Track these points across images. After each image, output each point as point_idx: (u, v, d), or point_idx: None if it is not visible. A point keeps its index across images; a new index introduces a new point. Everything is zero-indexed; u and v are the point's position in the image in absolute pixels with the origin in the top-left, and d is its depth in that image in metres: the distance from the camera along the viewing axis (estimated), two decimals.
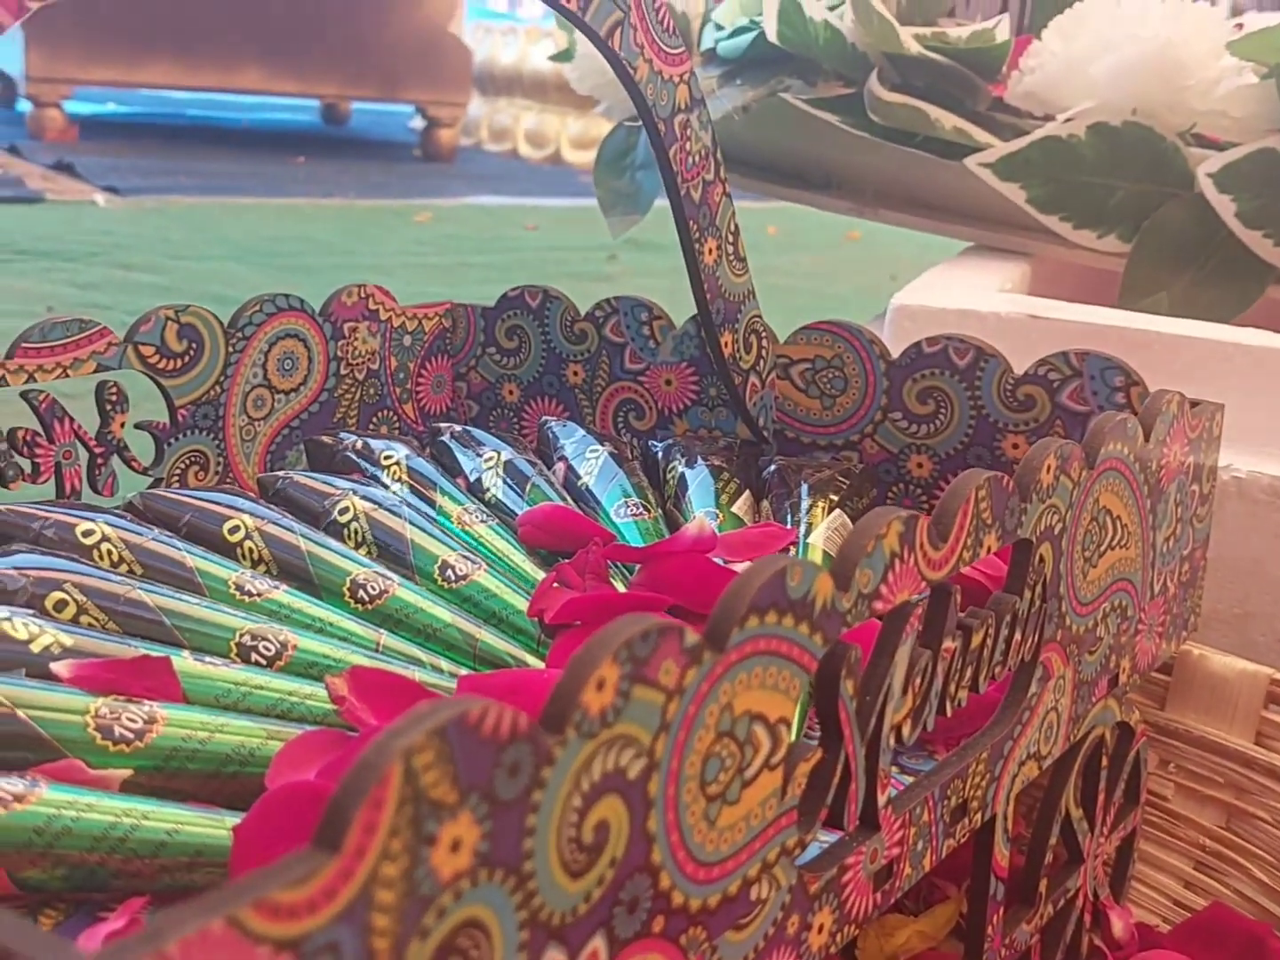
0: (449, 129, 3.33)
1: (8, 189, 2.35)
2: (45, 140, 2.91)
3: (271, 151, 3.20)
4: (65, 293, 1.68)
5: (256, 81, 3.06)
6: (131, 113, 3.70)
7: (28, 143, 2.88)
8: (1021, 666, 0.37)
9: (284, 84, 3.10)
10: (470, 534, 0.47)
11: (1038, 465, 0.36)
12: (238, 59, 3.02)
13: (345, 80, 3.17)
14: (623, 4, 0.45)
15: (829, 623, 0.28)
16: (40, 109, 2.93)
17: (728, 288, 0.52)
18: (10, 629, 0.34)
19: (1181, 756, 0.49)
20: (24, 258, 1.90)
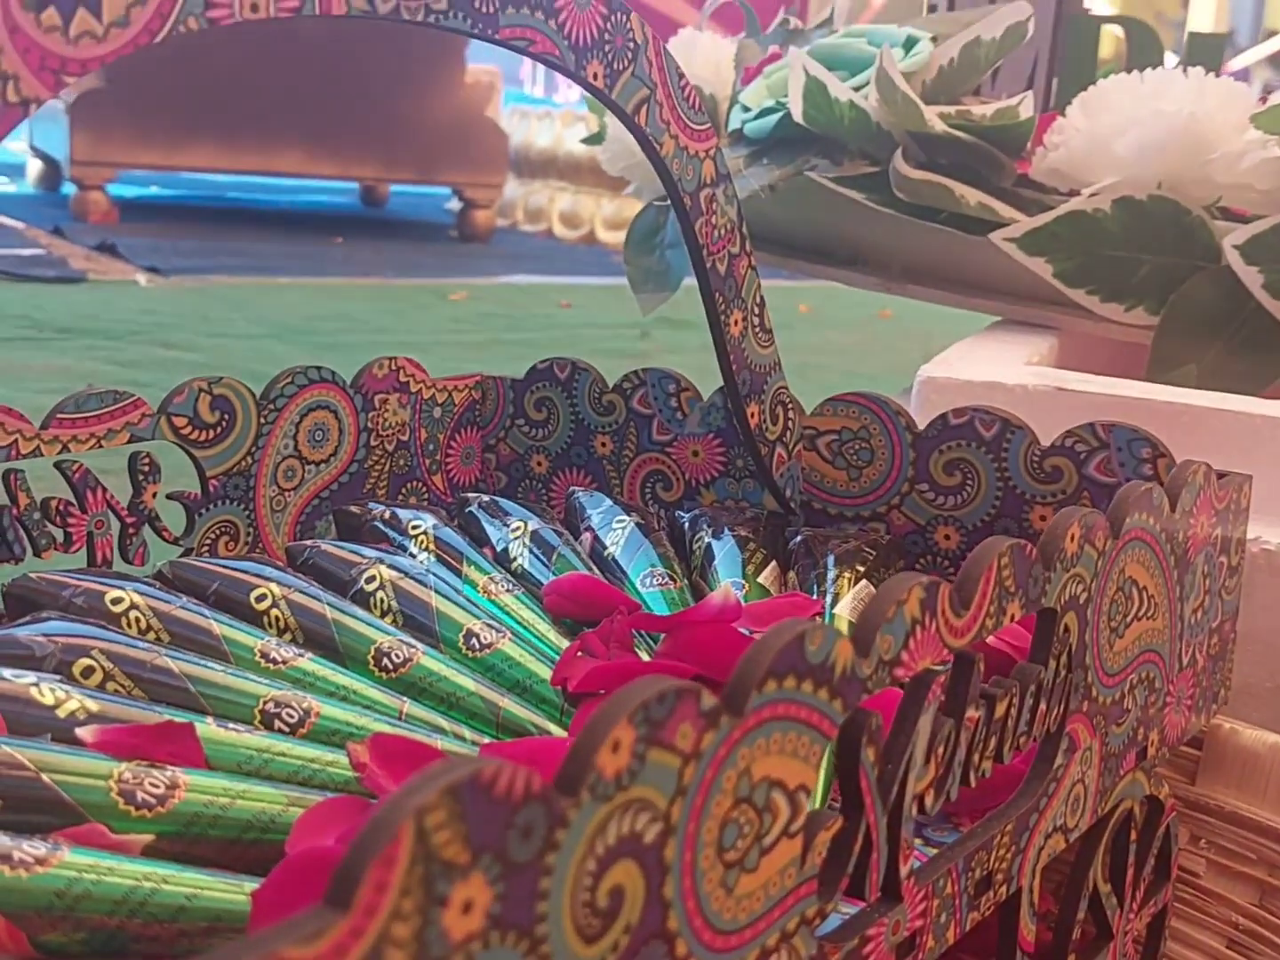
0: (485, 210, 3.37)
1: (52, 269, 2.39)
2: (89, 222, 2.97)
3: (311, 233, 3.24)
4: (106, 370, 1.71)
5: (297, 165, 3.11)
6: (174, 195, 3.77)
7: (71, 224, 2.93)
8: (1047, 738, 0.37)
9: (324, 167, 3.15)
10: (496, 603, 0.47)
11: (1061, 534, 0.36)
12: (279, 142, 3.07)
13: (384, 163, 3.22)
14: (649, 81, 0.45)
15: (849, 689, 0.28)
16: (84, 192, 2.99)
17: (754, 359, 0.52)
18: (37, 694, 0.35)
19: (1213, 832, 0.48)
20: (66, 336, 1.92)
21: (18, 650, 0.38)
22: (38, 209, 3.27)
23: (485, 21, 0.40)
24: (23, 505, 0.48)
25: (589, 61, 0.43)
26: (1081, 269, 0.65)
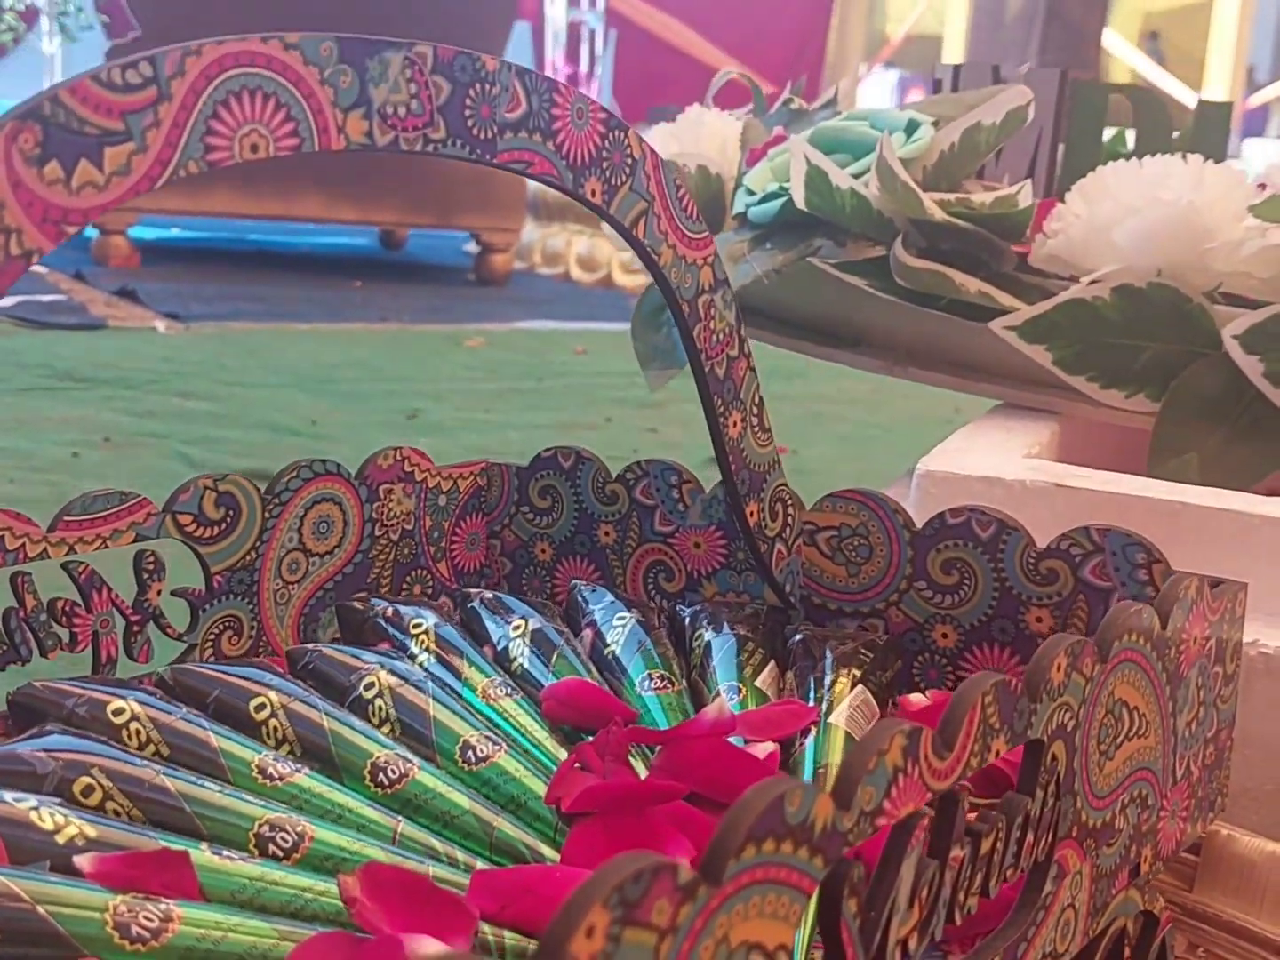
0: (503, 254, 3.39)
1: (72, 316, 2.41)
2: (109, 266, 2.99)
3: (330, 276, 3.26)
4: (123, 421, 1.72)
5: (316, 210, 3.13)
6: (194, 238, 3.80)
7: (92, 269, 2.95)
8: (1035, 867, 0.37)
9: (343, 212, 3.18)
10: (495, 708, 0.47)
11: (1047, 664, 0.36)
12: (298, 187, 3.09)
13: (402, 208, 3.25)
14: (647, 194, 0.46)
15: (830, 844, 0.28)
16: (105, 236, 3.01)
17: (752, 459, 0.52)
18: (37, 819, 0.35)
19: (1210, 940, 0.48)
20: (84, 386, 1.94)
21: (20, 767, 0.38)
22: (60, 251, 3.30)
23: (483, 147, 0.40)
24: (30, 607, 0.48)
25: (587, 179, 0.44)
26: (1081, 356, 0.66)
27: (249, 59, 0.34)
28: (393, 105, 0.37)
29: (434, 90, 0.38)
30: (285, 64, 0.35)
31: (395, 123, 0.38)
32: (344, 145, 0.36)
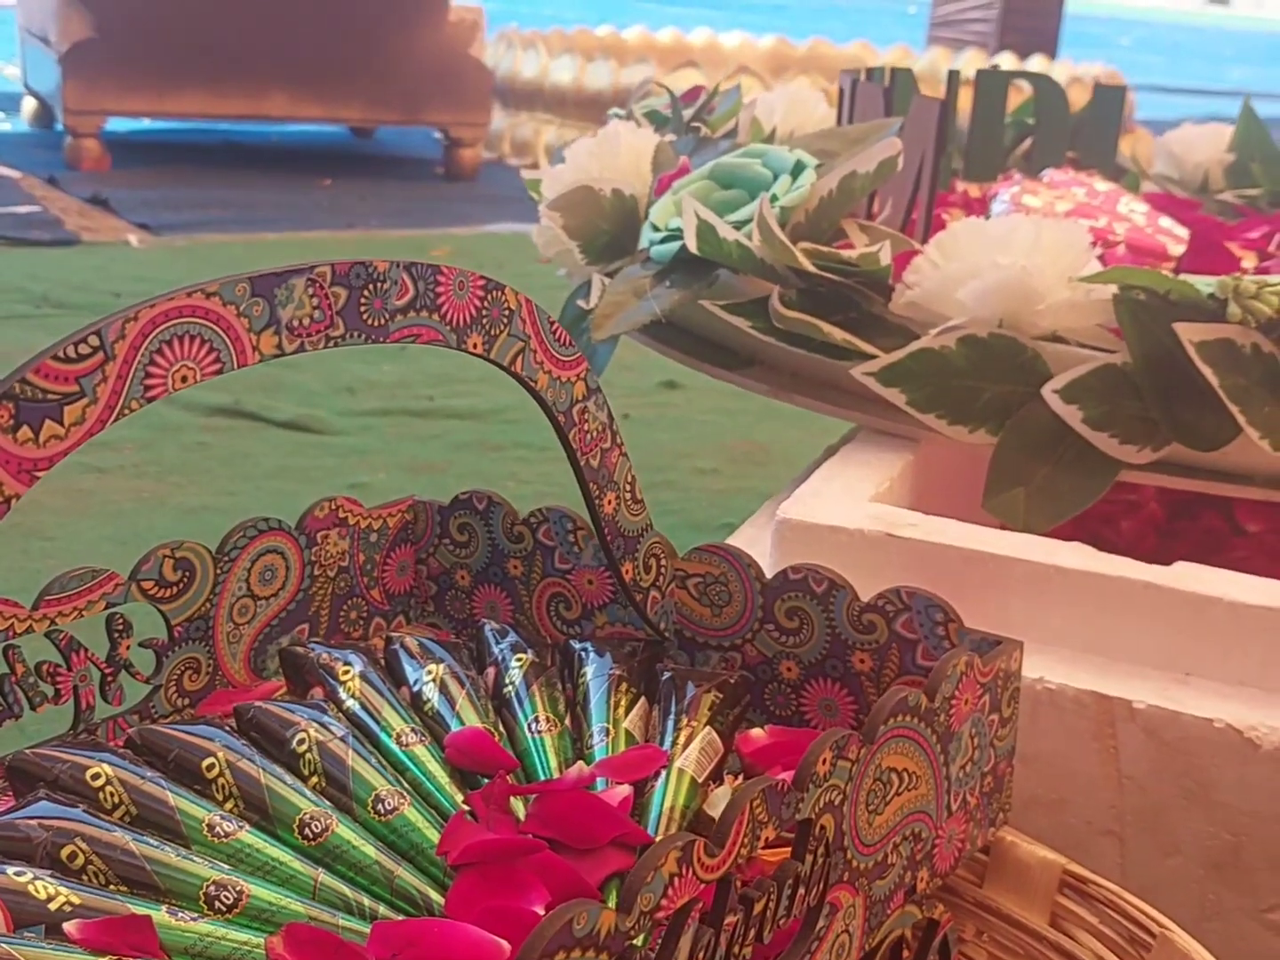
0: (471, 149, 3.43)
1: (46, 231, 2.47)
2: (81, 170, 3.04)
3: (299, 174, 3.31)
4: None
5: (283, 108, 3.17)
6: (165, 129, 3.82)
7: (65, 173, 3.00)
8: (809, 910, 0.48)
9: (310, 110, 3.21)
10: (408, 754, 0.58)
11: (812, 760, 0.46)
12: (266, 86, 3.13)
13: (369, 105, 3.28)
14: (523, 335, 0.55)
15: (615, 942, 0.39)
16: (77, 140, 3.05)
17: (626, 527, 0.62)
18: (33, 890, 0.46)
19: (993, 929, 0.60)
20: (62, 311, 2.02)
21: (16, 835, 0.49)
22: (33, 151, 3.34)
23: (377, 332, 0.50)
24: (19, 673, 0.58)
25: (469, 335, 0.53)
26: (931, 397, 0.75)
27: (177, 313, 0.43)
28: (298, 319, 0.46)
29: (333, 299, 0.48)
30: (207, 309, 0.44)
31: (300, 331, 0.47)
32: (259, 359, 0.46)
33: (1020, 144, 1.17)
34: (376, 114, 3.35)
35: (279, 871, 0.50)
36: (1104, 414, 0.73)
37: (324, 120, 3.38)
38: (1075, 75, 3.80)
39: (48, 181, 2.92)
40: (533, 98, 3.81)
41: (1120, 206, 1.01)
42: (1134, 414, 0.73)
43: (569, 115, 3.71)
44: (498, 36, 4.07)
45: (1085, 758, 0.62)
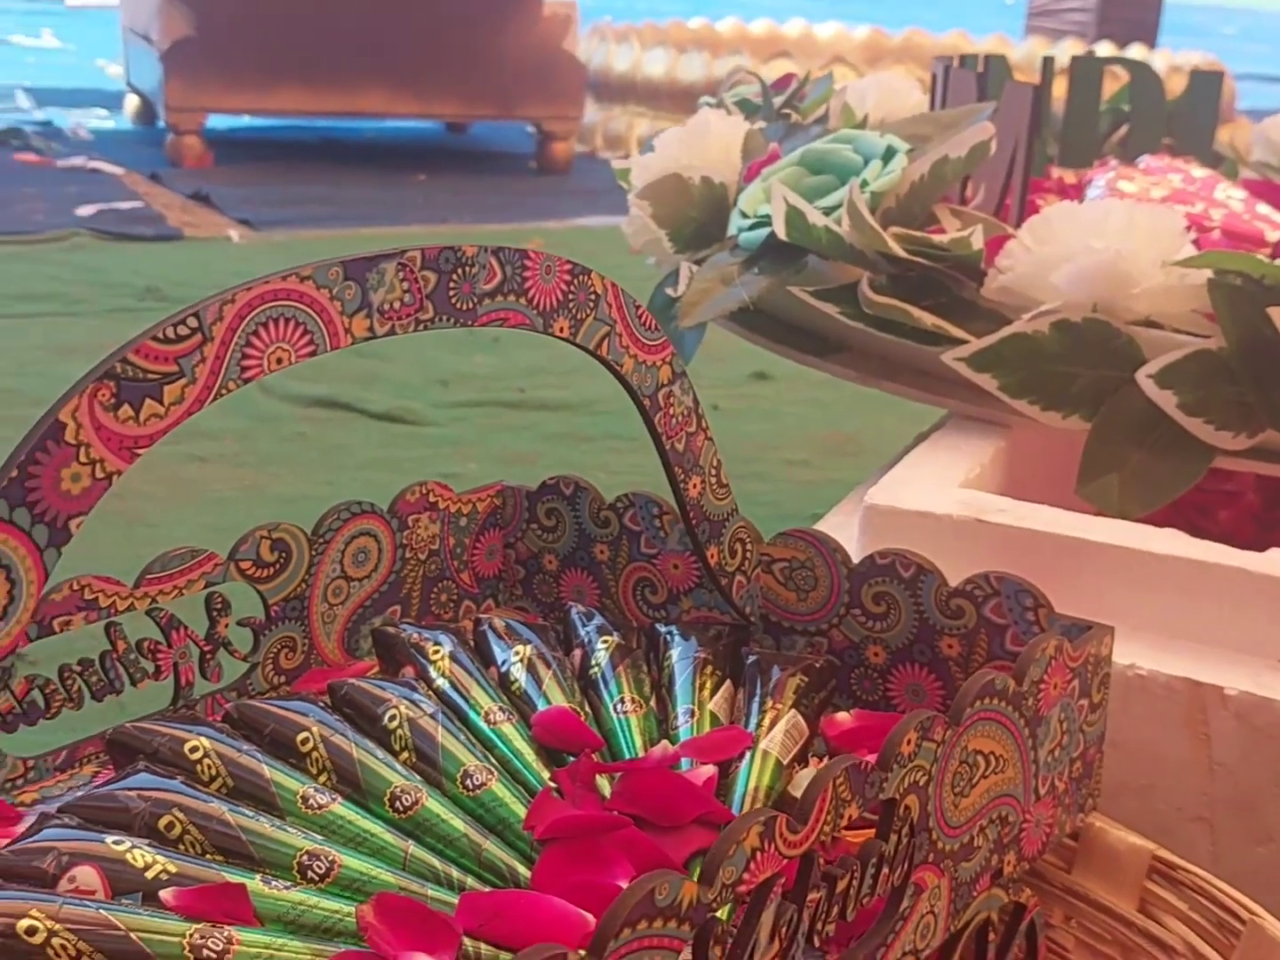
0: (563, 142, 3.45)
1: (150, 226, 2.52)
2: (183, 166, 3.09)
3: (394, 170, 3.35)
4: None
5: (380, 104, 3.21)
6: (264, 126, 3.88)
7: (167, 170, 3.06)
8: (893, 890, 0.48)
9: (406, 106, 3.25)
10: (497, 731, 0.58)
11: (897, 741, 0.46)
12: (362, 83, 3.17)
13: (463, 100, 3.31)
14: (609, 320, 0.56)
15: (696, 913, 0.39)
16: (179, 137, 3.11)
17: (711, 511, 0.63)
18: (132, 859, 0.47)
19: (1081, 915, 0.59)
20: (165, 305, 2.06)
21: (115, 805, 0.50)
22: (136, 148, 3.41)
23: (466, 315, 0.50)
24: (121, 650, 0.60)
25: (556, 320, 0.53)
26: (1023, 382, 0.74)
27: (272, 295, 0.44)
28: (389, 303, 0.47)
29: (423, 283, 0.48)
30: (301, 292, 0.45)
31: (391, 314, 0.48)
32: (351, 342, 0.47)
33: (1116, 131, 1.16)
34: (471, 109, 3.38)
35: (370, 843, 0.51)
36: (1199, 399, 0.72)
37: (419, 116, 3.42)
38: (1174, 64, 3.73)
39: (151, 178, 2.98)
40: (625, 91, 3.82)
41: (1217, 193, 0.99)
42: (1229, 399, 0.72)
43: (662, 108, 3.72)
44: (591, 30, 4.08)
45: (1176, 744, 0.62)
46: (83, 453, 0.40)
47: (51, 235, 2.44)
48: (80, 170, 3.08)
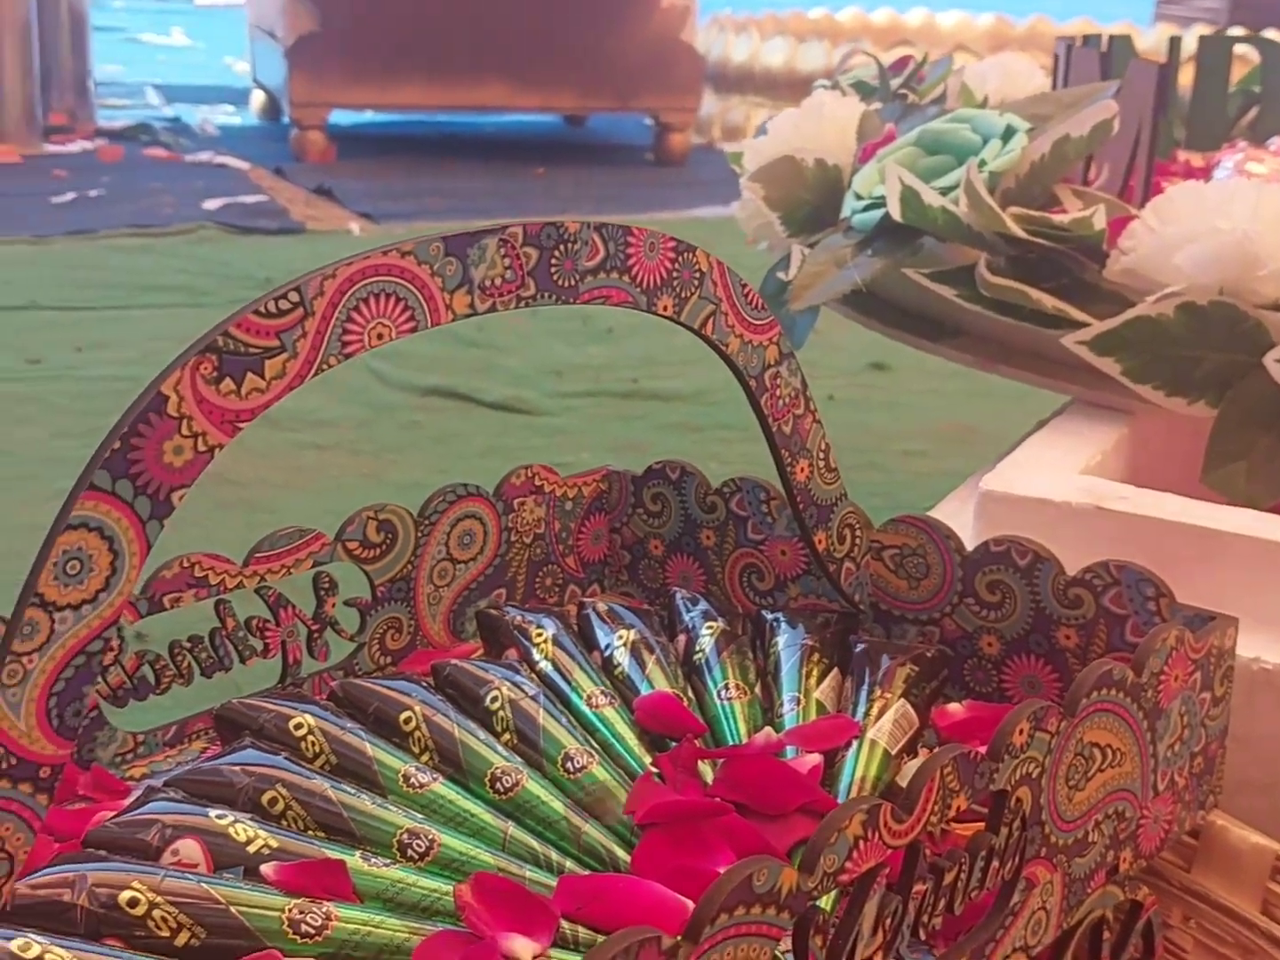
0: (680, 134, 3.44)
1: (274, 220, 2.56)
2: (307, 161, 3.14)
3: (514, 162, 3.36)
4: None
5: (500, 98, 3.23)
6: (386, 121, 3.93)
7: (291, 165, 3.11)
8: (1004, 884, 0.46)
9: (525, 99, 3.26)
10: (599, 715, 0.58)
11: (1009, 731, 0.45)
12: (483, 77, 3.19)
13: (582, 93, 3.32)
14: (714, 299, 0.55)
15: (796, 901, 0.38)
16: (303, 132, 3.16)
17: (819, 495, 0.61)
18: (234, 833, 0.47)
19: (1201, 915, 0.57)
20: None
21: (220, 780, 0.50)
22: (261, 143, 3.47)
23: (567, 293, 0.50)
24: (230, 627, 0.61)
25: (660, 298, 0.53)
26: (1147, 367, 0.72)
27: (373, 271, 0.44)
28: (490, 279, 0.47)
29: (524, 259, 0.48)
30: (402, 268, 0.44)
31: (492, 291, 0.47)
32: (451, 318, 0.46)
33: (1246, 113, 1.12)
34: (589, 101, 3.39)
35: (470, 823, 0.50)
36: None
37: (539, 109, 3.43)
38: None
39: (275, 172, 3.03)
40: (744, 81, 3.80)
41: None
42: None
43: (780, 98, 3.69)
44: (710, 21, 4.07)
45: None
46: (185, 425, 0.40)
47: (178, 228, 2.49)
48: (207, 165, 3.14)
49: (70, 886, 0.43)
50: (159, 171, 3.08)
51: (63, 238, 2.45)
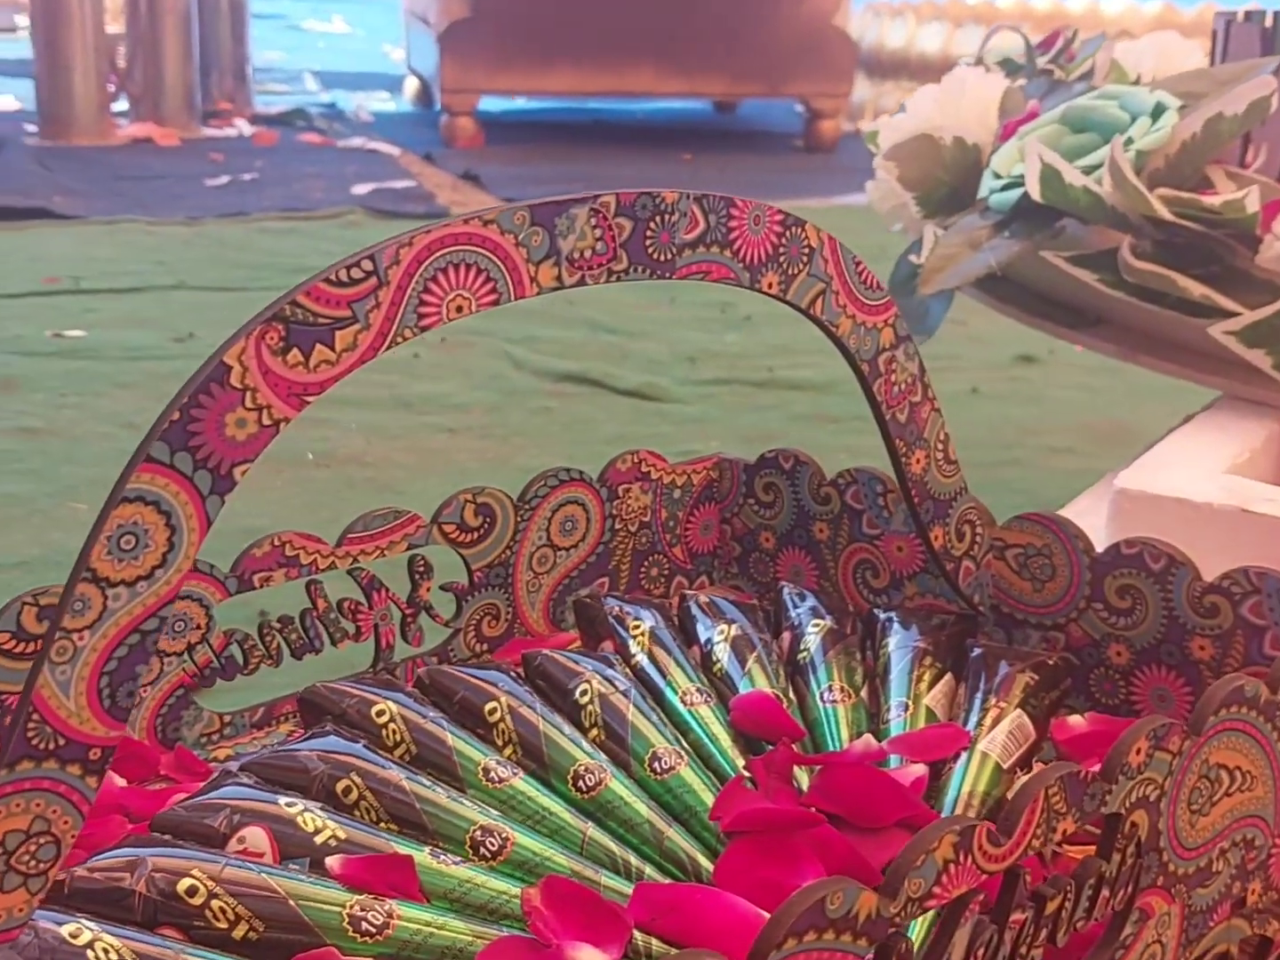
0: (831, 120, 3.38)
1: (420, 205, 2.58)
2: (456, 147, 3.16)
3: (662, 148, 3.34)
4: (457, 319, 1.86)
5: (649, 83, 3.21)
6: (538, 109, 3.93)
7: (441, 150, 3.13)
8: (1114, 915, 0.43)
9: (674, 85, 3.24)
10: (693, 713, 0.55)
11: (1125, 749, 0.41)
12: (631, 63, 3.17)
13: (732, 78, 3.28)
14: (824, 276, 0.51)
15: (875, 928, 0.35)
16: (452, 118, 3.18)
17: (936, 489, 0.58)
18: (302, 822, 0.46)
19: None
20: None
21: (295, 766, 0.49)
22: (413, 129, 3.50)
23: (663, 268, 0.47)
24: (321, 608, 0.59)
25: (764, 274, 0.50)
26: None
27: (453, 240, 0.42)
28: (579, 251, 0.44)
29: (617, 230, 0.45)
30: (484, 237, 0.42)
31: (582, 264, 0.45)
32: (536, 292, 0.44)
33: None
34: (739, 87, 3.35)
35: (548, 822, 0.48)
36: None
37: (688, 94, 3.40)
38: None
39: (424, 158, 3.05)
40: (898, 67, 3.73)
41: None
42: None
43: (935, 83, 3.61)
44: (865, 7, 4.00)
45: None
46: (249, 397, 0.39)
47: (328, 212, 2.52)
48: (359, 150, 3.17)
49: (131, 871, 0.42)
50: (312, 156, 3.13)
51: (215, 220, 2.49)
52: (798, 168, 3.21)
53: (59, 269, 2.11)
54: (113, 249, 2.27)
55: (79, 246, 2.29)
